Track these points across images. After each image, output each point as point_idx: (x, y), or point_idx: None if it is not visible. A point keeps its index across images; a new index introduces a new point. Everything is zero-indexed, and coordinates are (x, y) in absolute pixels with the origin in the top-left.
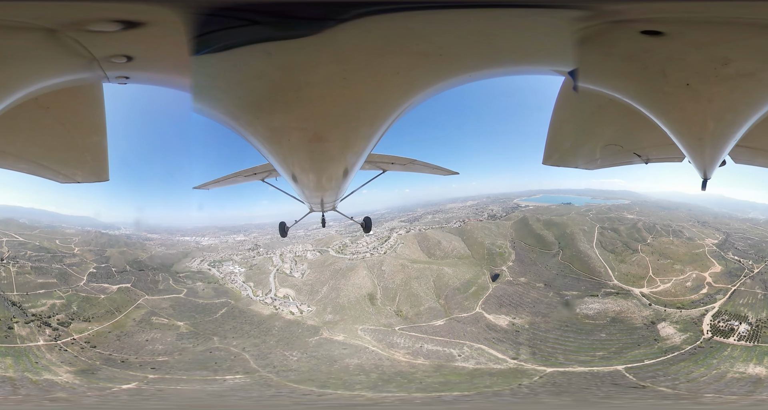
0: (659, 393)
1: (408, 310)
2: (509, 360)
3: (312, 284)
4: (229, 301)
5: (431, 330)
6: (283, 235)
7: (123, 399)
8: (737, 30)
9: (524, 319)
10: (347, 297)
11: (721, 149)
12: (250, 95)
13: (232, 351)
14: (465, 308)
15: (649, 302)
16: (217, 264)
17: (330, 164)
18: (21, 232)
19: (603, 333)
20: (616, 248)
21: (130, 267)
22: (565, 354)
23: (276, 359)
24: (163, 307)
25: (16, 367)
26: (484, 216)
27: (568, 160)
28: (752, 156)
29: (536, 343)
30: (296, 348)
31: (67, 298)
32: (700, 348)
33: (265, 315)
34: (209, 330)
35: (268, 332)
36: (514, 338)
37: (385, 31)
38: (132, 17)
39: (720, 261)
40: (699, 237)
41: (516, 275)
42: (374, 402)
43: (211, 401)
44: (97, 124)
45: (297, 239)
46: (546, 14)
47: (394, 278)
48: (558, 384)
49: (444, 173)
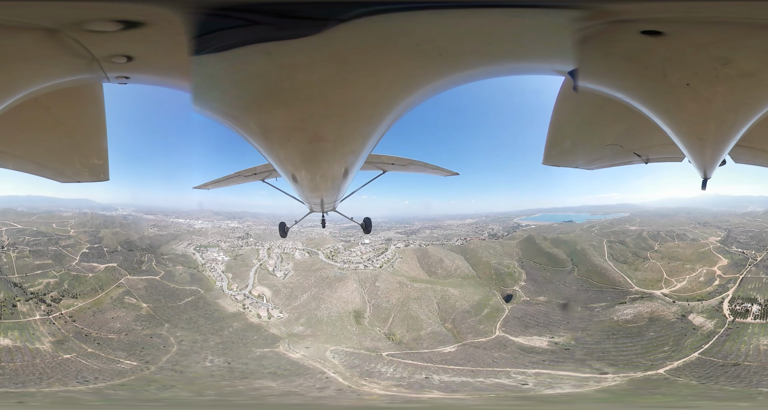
0: (749, 367)
1: (403, 334)
2: (599, 376)
3: (292, 288)
4: (199, 290)
5: (438, 357)
6: (283, 235)
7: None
8: (737, 30)
9: (565, 336)
10: (328, 310)
11: (721, 149)
12: (250, 95)
13: (169, 342)
14: (480, 332)
15: (673, 300)
16: (202, 249)
17: (330, 164)
18: (19, 219)
19: (651, 332)
20: (628, 259)
21: (121, 247)
22: (638, 357)
23: (192, 362)
24: (138, 288)
25: (21, 338)
26: (484, 235)
27: (568, 160)
28: (752, 156)
29: (601, 355)
30: (233, 356)
31: (60, 277)
32: (730, 330)
33: (229, 312)
34: (165, 316)
35: (219, 331)
36: (571, 355)
37: (385, 31)
38: (132, 17)
39: (725, 255)
40: (702, 237)
41: (532, 295)
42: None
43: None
44: (97, 124)
45: (290, 234)
46: (546, 14)
47: (389, 296)
48: (672, 382)
49: (444, 173)
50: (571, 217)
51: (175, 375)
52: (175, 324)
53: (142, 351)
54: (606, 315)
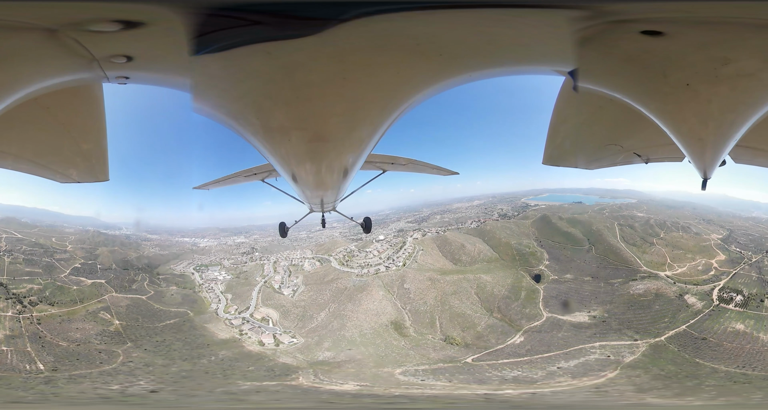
0: (711, 342)
1: (461, 334)
2: (634, 342)
3: (305, 307)
4: (188, 312)
5: (518, 349)
6: (283, 235)
7: None
8: (737, 30)
9: (598, 310)
10: (358, 328)
11: (721, 149)
12: (250, 95)
13: (112, 360)
14: (530, 316)
15: (673, 282)
16: (203, 269)
17: (330, 164)
18: (21, 230)
19: (656, 305)
20: (636, 242)
21: (116, 266)
22: (650, 325)
23: (102, 384)
24: (119, 305)
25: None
26: (494, 215)
27: (569, 160)
28: (752, 156)
29: (628, 324)
30: (190, 388)
31: (45, 285)
32: (713, 311)
33: (218, 338)
34: (134, 335)
35: (195, 359)
36: (609, 326)
37: (385, 31)
38: (132, 17)
39: (724, 252)
40: (705, 233)
41: (559, 273)
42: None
43: None
44: (97, 124)
45: (298, 242)
46: (546, 14)
47: (425, 297)
48: (683, 343)
49: (444, 173)
50: (580, 199)
51: (55, 389)
52: (139, 345)
53: (72, 361)
54: (624, 289)
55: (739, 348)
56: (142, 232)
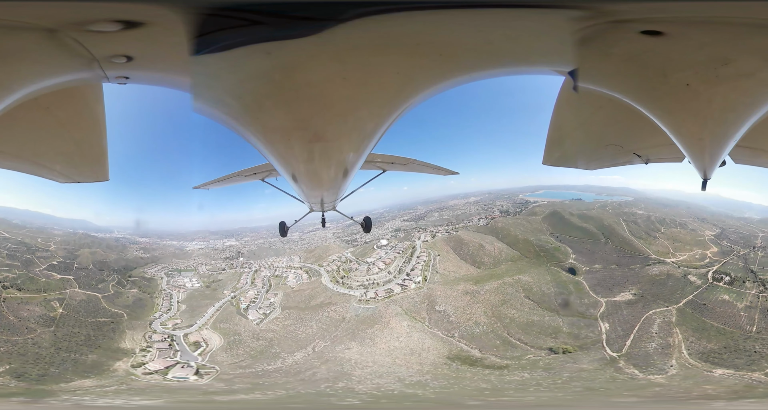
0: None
1: (555, 342)
2: (668, 308)
3: (270, 342)
4: (123, 315)
5: (617, 338)
6: (283, 235)
7: None
8: (737, 30)
9: (633, 289)
10: (394, 375)
11: (721, 149)
12: (250, 95)
13: (20, 341)
14: (591, 305)
15: (678, 266)
16: (175, 274)
17: (330, 164)
18: (10, 230)
19: (669, 283)
20: (642, 236)
21: (92, 266)
22: (669, 296)
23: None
24: (75, 299)
25: None
26: (494, 212)
27: (568, 160)
28: (752, 156)
29: (657, 296)
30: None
31: (19, 275)
32: (709, 287)
33: (117, 346)
34: (62, 323)
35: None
36: (648, 300)
37: (385, 31)
38: (132, 17)
39: (717, 245)
40: (700, 230)
41: (589, 264)
42: None
43: None
44: (97, 124)
45: (289, 245)
46: (546, 14)
47: (473, 316)
48: (693, 307)
49: (444, 173)
50: (578, 195)
51: None
52: (54, 333)
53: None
54: (644, 272)
55: (723, 311)
56: (134, 235)
